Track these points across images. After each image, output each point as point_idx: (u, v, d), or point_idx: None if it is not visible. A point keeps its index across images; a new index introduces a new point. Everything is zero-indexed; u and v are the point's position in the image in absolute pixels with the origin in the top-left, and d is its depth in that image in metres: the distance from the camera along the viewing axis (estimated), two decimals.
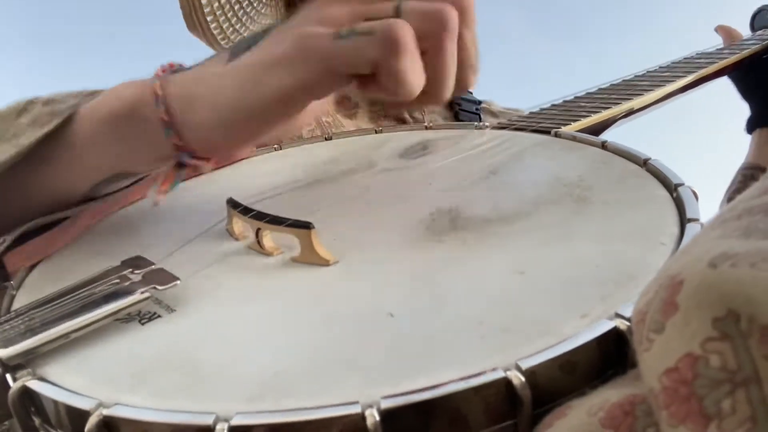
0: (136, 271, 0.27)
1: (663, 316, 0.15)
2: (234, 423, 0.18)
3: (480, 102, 0.68)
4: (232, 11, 0.58)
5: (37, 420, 0.22)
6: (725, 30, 0.67)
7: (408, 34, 0.27)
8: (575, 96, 0.54)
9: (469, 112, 0.66)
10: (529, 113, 0.50)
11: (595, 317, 0.21)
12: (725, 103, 0.70)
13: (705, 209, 0.28)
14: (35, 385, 0.22)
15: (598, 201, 0.31)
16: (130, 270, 0.28)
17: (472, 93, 0.69)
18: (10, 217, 0.34)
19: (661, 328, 0.15)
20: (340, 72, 0.28)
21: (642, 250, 0.25)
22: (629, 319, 0.20)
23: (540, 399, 0.19)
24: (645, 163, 0.34)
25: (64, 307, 0.25)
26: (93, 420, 0.19)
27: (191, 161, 0.32)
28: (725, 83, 0.67)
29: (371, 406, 0.18)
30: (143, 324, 0.25)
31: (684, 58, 0.62)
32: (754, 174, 0.65)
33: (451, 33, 0.28)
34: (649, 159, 0.34)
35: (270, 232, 0.30)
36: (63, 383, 0.22)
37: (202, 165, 0.33)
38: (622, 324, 0.20)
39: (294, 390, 0.20)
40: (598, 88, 0.55)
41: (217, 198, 0.35)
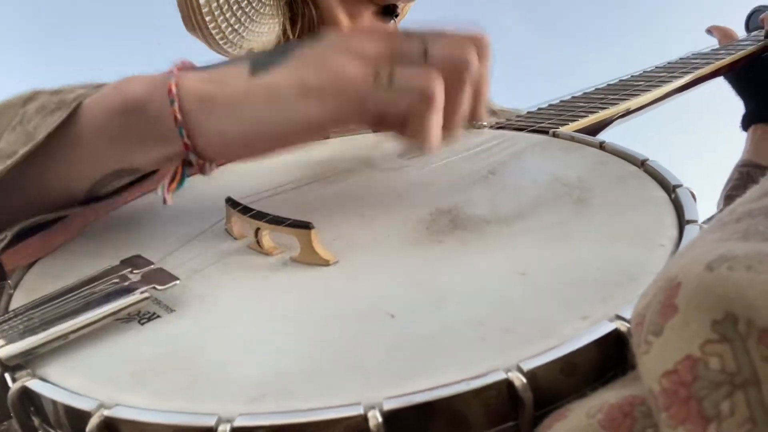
0: (135, 271, 0.27)
1: (662, 318, 0.15)
2: (236, 424, 0.18)
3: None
4: (230, 11, 0.58)
5: (37, 420, 0.22)
6: (720, 30, 0.68)
7: (441, 89, 0.29)
8: (573, 96, 0.54)
9: None
10: (527, 113, 0.51)
11: (596, 319, 0.21)
12: (721, 103, 0.70)
13: (702, 208, 0.28)
14: (35, 386, 0.22)
15: (597, 202, 0.31)
16: (129, 269, 0.27)
17: None
18: (10, 213, 0.33)
19: (660, 330, 0.15)
20: (371, 113, 0.30)
21: (641, 251, 0.25)
22: (630, 321, 0.20)
23: (541, 400, 0.19)
24: (643, 164, 0.34)
25: (63, 307, 0.25)
26: (94, 421, 0.19)
27: (198, 161, 0.32)
28: (720, 82, 0.67)
29: (374, 407, 0.18)
30: (143, 324, 0.25)
31: (680, 58, 0.62)
32: (750, 171, 0.65)
33: (472, 76, 0.30)
34: (647, 160, 0.34)
35: (269, 231, 0.30)
36: (63, 384, 0.22)
37: (207, 165, 0.33)
38: (622, 326, 0.20)
39: (296, 391, 0.20)
40: (595, 88, 0.55)
41: (217, 197, 0.35)
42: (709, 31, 0.68)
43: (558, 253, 0.26)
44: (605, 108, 0.49)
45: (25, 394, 0.22)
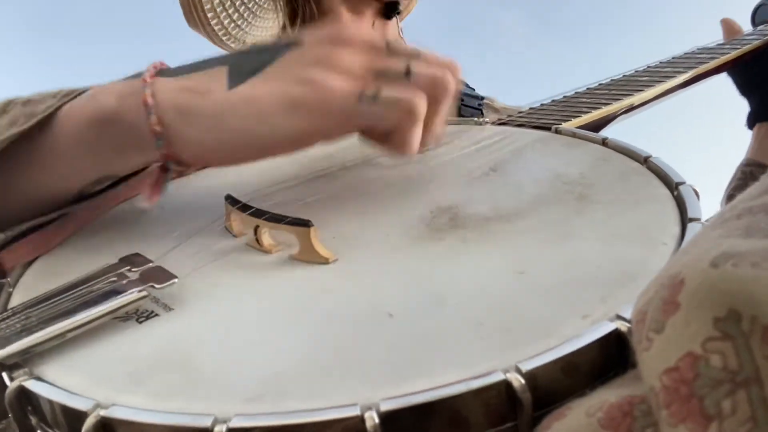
0: (133, 269, 0.27)
1: (663, 315, 0.15)
2: (232, 425, 0.18)
3: (483, 98, 0.68)
4: (233, 7, 0.58)
5: (34, 419, 0.22)
6: (728, 24, 0.67)
7: (423, 106, 0.30)
8: (575, 92, 0.53)
9: (472, 107, 0.65)
10: (530, 109, 0.50)
11: (597, 318, 0.21)
12: (727, 99, 0.69)
13: (705, 206, 0.28)
14: (32, 385, 0.22)
15: (599, 199, 0.30)
16: (127, 268, 0.27)
17: (474, 89, 0.69)
18: (4, 216, 0.34)
19: (662, 327, 0.15)
20: (356, 128, 0.31)
21: (643, 250, 0.25)
22: (630, 321, 0.20)
23: (541, 401, 0.19)
24: (646, 161, 0.33)
25: (60, 306, 0.25)
26: (90, 421, 0.19)
27: (177, 167, 0.32)
28: (725, 79, 0.67)
29: (370, 408, 0.18)
30: (141, 323, 0.25)
31: (684, 53, 0.62)
32: (753, 171, 0.65)
33: (450, 97, 0.31)
34: (650, 156, 0.33)
35: (269, 229, 0.30)
36: (60, 383, 0.22)
37: (186, 169, 0.33)
38: (623, 326, 0.20)
39: (293, 391, 0.19)
40: (598, 83, 0.55)
41: (216, 194, 0.34)
42: (722, 23, 0.68)
43: (559, 252, 0.26)
44: (608, 104, 0.48)
45: (23, 393, 0.22)
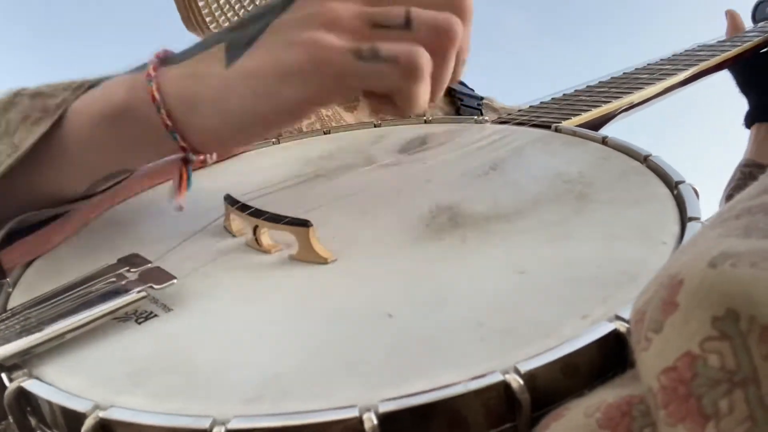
0: (132, 270, 0.27)
1: (662, 315, 0.15)
2: (231, 426, 0.18)
3: (482, 98, 0.68)
4: (232, 11, 0.58)
5: (34, 420, 0.22)
6: (733, 17, 0.67)
7: (427, 62, 0.27)
8: (575, 90, 0.53)
9: (471, 107, 0.65)
10: (529, 107, 0.50)
11: (596, 318, 0.21)
12: (728, 97, 0.69)
13: (706, 205, 0.28)
14: (31, 386, 0.22)
15: (598, 198, 0.30)
16: (126, 268, 0.27)
17: (474, 90, 0.69)
18: (5, 219, 0.34)
19: (660, 327, 0.15)
20: (355, 88, 0.29)
21: (643, 250, 0.25)
22: (629, 321, 0.20)
23: (539, 401, 0.19)
24: (645, 160, 0.33)
25: (60, 306, 0.25)
26: (89, 422, 0.19)
27: (196, 158, 0.32)
28: (725, 77, 0.67)
29: (369, 409, 0.18)
30: (140, 323, 0.25)
31: (685, 50, 0.61)
32: (752, 171, 0.65)
33: (456, 45, 0.29)
34: (650, 155, 0.33)
35: (268, 229, 0.30)
36: (59, 384, 0.22)
37: (207, 157, 0.33)
38: (622, 326, 0.20)
39: (292, 392, 0.19)
40: (598, 81, 0.55)
41: (215, 194, 0.34)
42: (726, 14, 0.67)
43: (558, 252, 0.26)
44: (608, 102, 0.48)
45: (22, 394, 0.22)
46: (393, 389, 0.19)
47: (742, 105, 0.68)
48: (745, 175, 0.65)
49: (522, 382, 0.18)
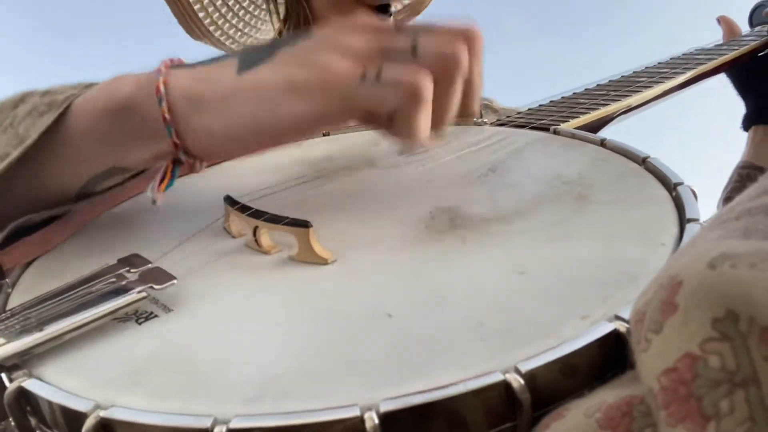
0: (132, 270, 0.27)
1: (662, 316, 0.15)
2: (232, 426, 0.18)
3: (482, 99, 0.68)
4: (236, 17, 0.58)
5: (34, 420, 0.22)
6: (727, 23, 0.67)
7: (429, 86, 0.28)
8: (574, 92, 0.53)
9: None
10: (528, 110, 0.50)
11: (596, 319, 0.21)
12: (726, 100, 0.70)
13: (703, 207, 0.28)
14: (31, 386, 0.22)
15: (597, 200, 0.30)
16: (126, 269, 0.27)
17: None
18: (5, 212, 0.34)
19: (660, 328, 0.15)
20: (358, 110, 0.30)
21: (642, 250, 0.25)
22: (629, 321, 0.20)
23: (540, 401, 0.19)
24: (644, 162, 0.34)
25: (60, 307, 0.25)
26: (90, 422, 0.19)
27: (188, 159, 0.32)
28: (723, 80, 0.67)
29: (370, 409, 0.18)
30: (140, 324, 0.25)
31: (682, 54, 0.62)
32: (750, 173, 0.65)
33: (463, 75, 0.29)
34: (648, 157, 0.34)
35: (268, 230, 0.30)
36: (59, 384, 0.22)
37: (197, 163, 0.33)
38: (621, 326, 0.20)
39: (293, 392, 0.19)
40: (596, 84, 0.55)
41: (215, 195, 0.34)
42: (719, 21, 0.68)
43: (558, 252, 0.26)
44: (607, 104, 0.48)
45: (22, 394, 0.22)
46: (393, 389, 0.19)
47: (739, 107, 0.68)
48: (743, 177, 0.65)
49: (523, 381, 0.18)
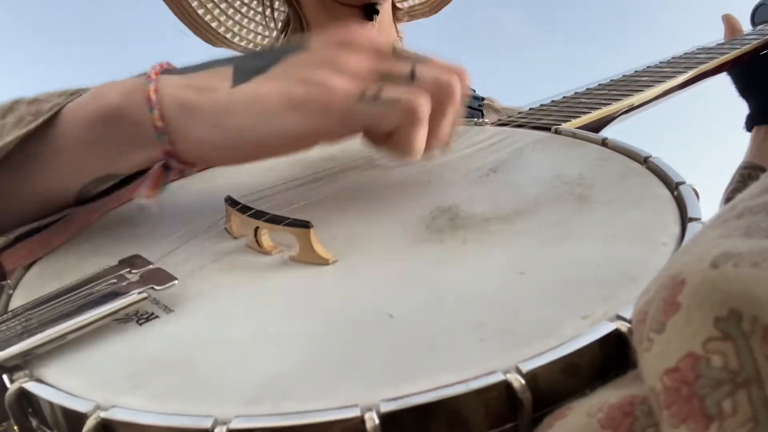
0: (133, 271, 0.27)
1: (664, 315, 0.15)
2: (232, 426, 0.18)
3: (483, 99, 0.68)
4: (239, 14, 0.59)
5: (35, 421, 0.22)
6: (730, 21, 0.67)
7: (427, 108, 0.29)
8: (575, 92, 0.53)
9: (472, 108, 0.65)
10: (529, 110, 0.50)
11: (597, 318, 0.21)
12: (725, 100, 0.69)
13: (705, 207, 0.28)
14: (32, 387, 0.22)
15: (598, 199, 0.30)
16: (127, 269, 0.27)
17: (475, 90, 0.69)
18: (3, 216, 0.34)
19: (662, 327, 0.15)
20: (357, 127, 0.30)
21: (643, 250, 0.25)
22: (630, 321, 0.20)
23: (541, 401, 0.19)
24: (645, 161, 0.33)
25: (61, 308, 0.25)
26: (90, 423, 0.19)
27: (178, 166, 0.32)
28: (725, 79, 0.67)
29: (371, 409, 0.18)
30: (141, 324, 0.25)
31: (684, 53, 0.62)
32: (752, 174, 0.65)
33: (456, 103, 0.31)
34: (650, 156, 0.33)
35: (268, 231, 0.30)
36: (60, 385, 0.22)
37: (188, 169, 0.33)
38: (623, 326, 0.20)
39: (293, 393, 0.19)
40: (598, 84, 0.55)
41: (216, 196, 0.35)
42: (723, 19, 0.67)
43: (558, 252, 0.26)
44: (608, 104, 0.48)
45: (23, 395, 0.22)
46: (394, 389, 0.19)
47: (741, 107, 0.68)
48: (744, 178, 0.65)
49: (524, 381, 0.18)
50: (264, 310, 0.25)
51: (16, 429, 0.22)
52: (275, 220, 0.29)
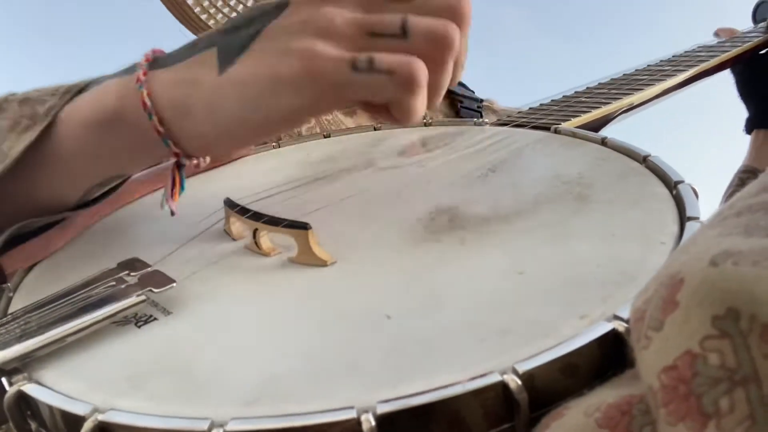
0: (132, 273, 0.27)
1: (662, 314, 0.15)
2: (229, 428, 0.18)
3: (482, 100, 0.68)
4: (228, 7, 0.58)
5: (34, 424, 0.22)
6: (726, 32, 0.67)
7: (424, 73, 0.27)
8: (575, 91, 0.53)
9: (471, 110, 0.65)
10: (529, 109, 0.50)
11: (595, 318, 0.21)
12: (727, 100, 0.69)
13: (705, 208, 0.28)
14: (31, 390, 0.22)
15: (597, 199, 0.30)
16: (126, 272, 0.27)
17: (474, 92, 0.69)
18: (4, 224, 0.33)
19: (660, 326, 0.15)
20: (351, 99, 0.28)
21: (642, 249, 0.25)
22: (628, 321, 0.19)
23: (538, 401, 0.18)
24: (645, 160, 0.33)
25: (60, 310, 0.25)
26: (88, 425, 0.19)
27: (190, 161, 0.31)
28: (726, 79, 0.66)
29: (367, 411, 0.18)
30: (139, 327, 0.25)
31: (685, 51, 0.61)
32: (750, 177, 0.65)
33: (454, 53, 0.28)
34: (649, 156, 0.33)
35: (267, 232, 0.30)
36: (59, 388, 0.22)
37: (201, 161, 0.32)
38: (620, 326, 0.20)
39: (290, 394, 0.19)
40: (597, 83, 0.55)
41: (215, 198, 0.35)
42: (716, 34, 0.67)
43: (557, 252, 0.26)
44: (608, 103, 0.48)
45: (22, 398, 0.22)
46: (391, 390, 0.19)
47: (742, 107, 0.68)
48: (743, 182, 0.65)
49: (520, 382, 0.18)
50: (262, 311, 0.25)
51: None
52: (274, 221, 0.29)
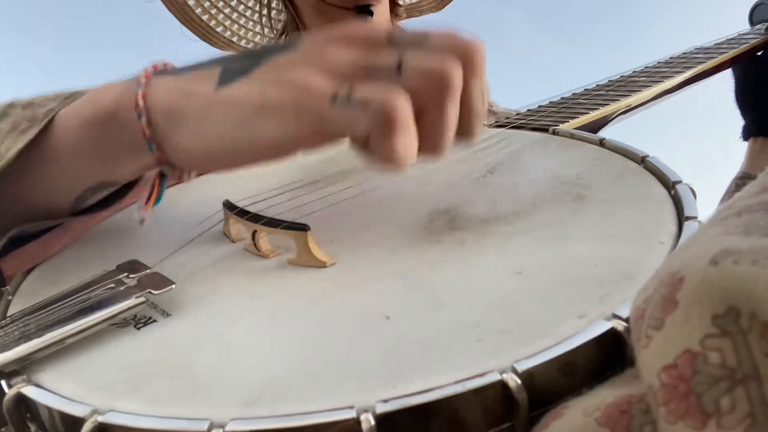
0: (131, 275, 0.27)
1: (662, 312, 0.15)
2: (228, 429, 0.18)
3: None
4: (244, 18, 0.59)
5: (33, 426, 0.22)
6: None
7: (404, 109, 0.24)
8: (573, 93, 0.53)
9: None
10: (527, 111, 0.50)
11: (593, 318, 0.21)
12: (725, 102, 0.69)
13: (703, 209, 0.28)
14: (30, 392, 0.22)
15: (596, 199, 0.30)
16: (125, 274, 0.27)
17: None
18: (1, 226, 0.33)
19: (660, 324, 0.15)
20: (332, 135, 0.26)
21: (640, 249, 0.25)
22: (627, 320, 0.19)
23: (538, 400, 0.18)
24: (643, 161, 0.33)
25: (59, 313, 0.25)
26: (87, 427, 0.19)
27: (173, 172, 0.31)
28: (725, 81, 0.66)
29: (366, 410, 0.18)
30: (138, 329, 0.25)
31: (682, 53, 0.62)
32: (747, 184, 0.65)
33: (454, 95, 0.25)
34: (647, 156, 0.33)
35: (266, 234, 0.30)
36: (58, 390, 0.22)
37: (185, 174, 0.32)
38: (619, 325, 0.20)
39: (290, 395, 0.19)
40: (596, 84, 0.55)
41: (214, 200, 0.35)
42: None
43: (556, 252, 0.26)
44: (606, 104, 0.48)
45: (21, 400, 0.22)
46: (390, 390, 0.19)
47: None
48: (740, 188, 0.65)
49: (519, 381, 0.18)
50: (261, 313, 0.25)
51: None
52: (273, 223, 0.29)
